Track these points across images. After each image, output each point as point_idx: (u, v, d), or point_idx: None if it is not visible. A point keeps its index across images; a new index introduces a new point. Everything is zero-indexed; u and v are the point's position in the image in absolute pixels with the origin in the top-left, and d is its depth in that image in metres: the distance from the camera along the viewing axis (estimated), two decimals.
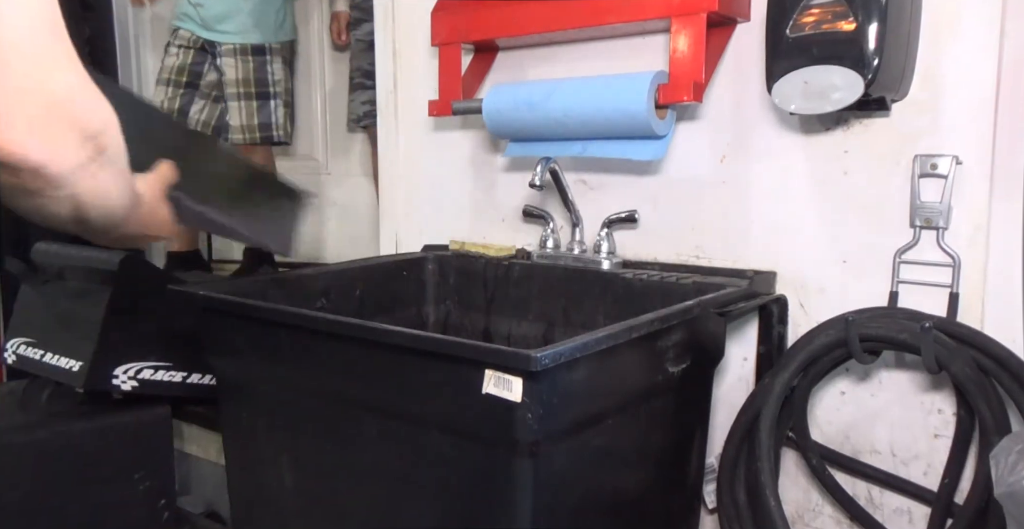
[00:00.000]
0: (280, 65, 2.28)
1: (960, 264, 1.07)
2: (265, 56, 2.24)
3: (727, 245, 1.27)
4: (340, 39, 2.68)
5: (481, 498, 0.91)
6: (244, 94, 2.21)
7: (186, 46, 2.26)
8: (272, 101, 2.26)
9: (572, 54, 1.42)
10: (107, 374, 1.45)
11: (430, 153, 1.65)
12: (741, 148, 1.25)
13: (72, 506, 1.42)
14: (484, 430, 0.86)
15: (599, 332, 0.86)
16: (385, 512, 1.01)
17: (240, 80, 2.23)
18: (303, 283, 1.32)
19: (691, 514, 1.23)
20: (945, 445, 1.10)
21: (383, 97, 1.71)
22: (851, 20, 1.01)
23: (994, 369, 1.00)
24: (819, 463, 1.17)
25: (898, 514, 1.16)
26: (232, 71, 2.23)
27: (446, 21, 1.45)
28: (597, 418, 0.93)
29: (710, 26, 1.17)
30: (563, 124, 1.28)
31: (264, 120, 2.24)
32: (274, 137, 2.27)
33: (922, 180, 1.08)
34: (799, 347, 1.11)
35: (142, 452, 1.51)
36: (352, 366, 1.00)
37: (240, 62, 2.21)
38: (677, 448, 1.14)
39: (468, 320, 1.48)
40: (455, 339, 0.88)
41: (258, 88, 2.23)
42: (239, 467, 1.23)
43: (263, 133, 2.24)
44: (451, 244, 1.55)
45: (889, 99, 1.09)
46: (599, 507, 0.99)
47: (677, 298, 1.12)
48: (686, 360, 1.05)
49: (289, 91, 2.34)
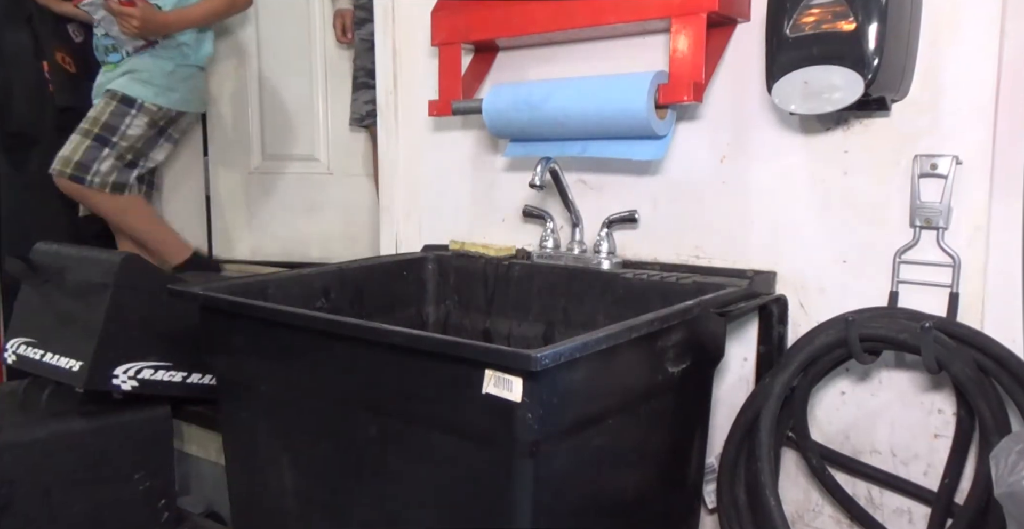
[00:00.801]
0: (142, 125, 2.22)
1: (960, 264, 1.07)
2: (131, 109, 2.20)
3: (727, 245, 1.27)
4: (344, 37, 2.68)
5: (481, 498, 0.91)
6: (85, 130, 2.17)
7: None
8: (106, 148, 2.18)
9: (572, 54, 1.42)
10: (107, 374, 1.45)
11: (430, 153, 1.65)
12: (741, 148, 1.24)
13: (72, 506, 1.42)
14: (484, 430, 0.86)
15: (599, 332, 0.86)
16: (385, 512, 1.01)
17: (91, 117, 2.19)
18: (303, 283, 1.32)
19: (691, 514, 1.23)
20: (945, 445, 1.10)
21: (383, 97, 1.71)
22: (851, 20, 1.01)
23: (994, 369, 1.00)
24: (819, 463, 1.17)
25: (898, 514, 1.16)
26: (93, 110, 2.21)
27: (446, 21, 1.45)
28: (597, 418, 0.93)
29: (710, 26, 1.17)
30: (563, 124, 1.28)
31: (85, 161, 2.15)
32: (85, 181, 2.16)
33: (922, 180, 1.08)
34: (799, 347, 1.11)
35: (142, 452, 1.51)
36: (352, 366, 1.00)
37: (104, 103, 2.20)
38: (677, 448, 1.14)
39: (468, 320, 1.48)
40: (455, 339, 0.88)
41: (101, 131, 2.18)
42: (239, 467, 1.23)
43: (76, 172, 2.15)
44: (451, 244, 1.55)
45: (889, 99, 1.09)
46: (599, 507, 0.99)
47: (677, 298, 1.12)
48: (686, 360, 1.05)
49: (136, 150, 2.24)
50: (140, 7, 2.12)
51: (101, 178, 2.19)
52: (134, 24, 2.11)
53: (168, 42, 2.26)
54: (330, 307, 1.34)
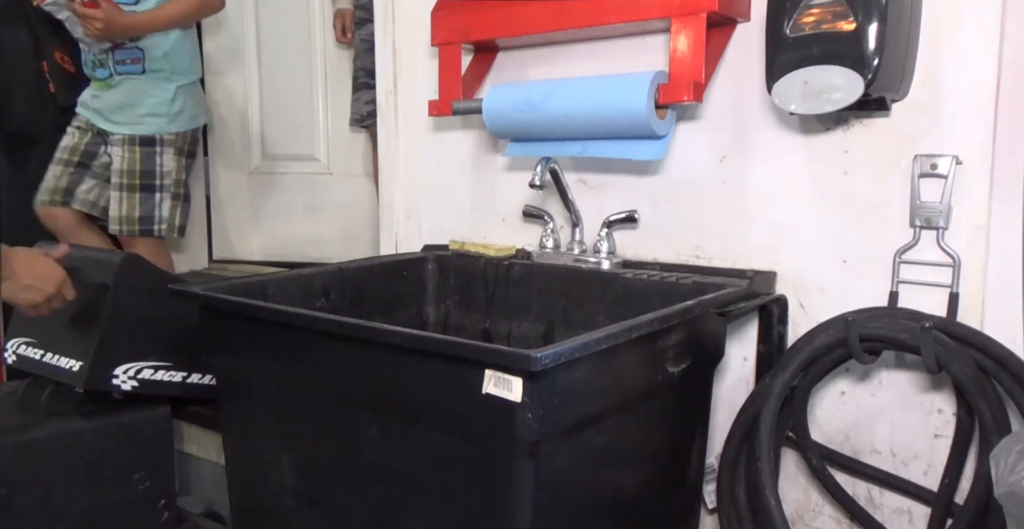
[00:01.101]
0: (172, 156, 2.20)
1: (960, 264, 1.07)
2: (155, 147, 2.17)
3: (727, 245, 1.27)
4: (344, 37, 2.68)
5: (481, 498, 0.91)
6: (127, 185, 2.13)
7: (84, 128, 2.23)
8: (158, 194, 2.17)
9: (572, 54, 1.42)
10: (107, 374, 1.45)
11: (430, 153, 1.65)
12: (741, 148, 1.24)
13: (72, 506, 1.42)
14: (484, 430, 0.86)
15: (599, 332, 0.86)
16: (385, 512, 1.01)
17: (125, 171, 2.15)
18: (303, 283, 1.32)
19: (691, 514, 1.23)
20: (945, 445, 1.10)
21: (383, 97, 1.71)
22: (851, 20, 1.01)
23: (994, 369, 1.00)
24: (819, 463, 1.17)
25: (898, 514, 1.16)
26: (119, 161, 2.16)
27: (446, 21, 1.45)
28: (597, 418, 0.93)
29: (710, 26, 1.17)
30: (563, 124, 1.28)
31: (146, 213, 2.15)
32: (155, 231, 2.16)
33: (922, 180, 1.08)
34: (799, 347, 1.11)
35: (142, 452, 1.51)
36: (352, 366, 1.00)
37: (127, 152, 2.15)
38: (677, 448, 1.14)
39: (468, 320, 1.48)
40: (455, 339, 0.88)
41: (143, 180, 2.16)
42: (239, 467, 1.23)
43: (143, 226, 2.15)
44: (451, 244, 1.55)
45: (889, 99, 1.09)
46: (599, 507, 0.99)
47: (677, 298, 1.12)
48: (686, 360, 1.05)
49: (181, 183, 2.24)
50: (104, 9, 2.02)
51: (168, 223, 2.19)
52: (97, 26, 2.02)
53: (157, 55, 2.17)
54: (330, 307, 1.34)
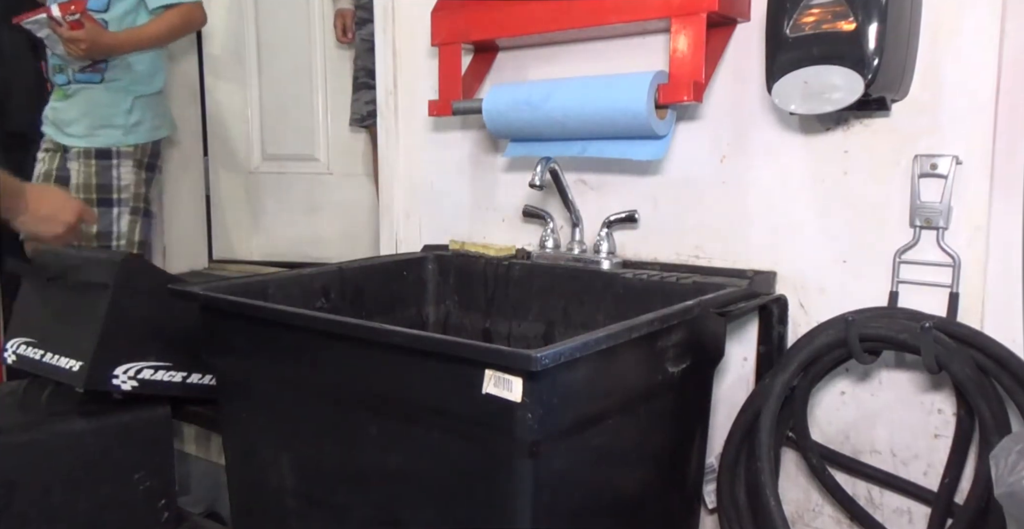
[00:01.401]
0: (130, 169, 2.11)
1: (960, 264, 1.07)
2: (111, 160, 2.09)
3: (727, 245, 1.27)
4: (344, 37, 2.68)
5: (481, 498, 0.90)
6: (84, 200, 2.00)
7: (51, 150, 2.18)
8: (115, 208, 2.08)
9: (572, 54, 1.42)
10: (107, 374, 1.45)
11: (430, 153, 1.65)
12: (741, 148, 1.24)
13: (72, 506, 1.42)
14: (484, 430, 0.86)
15: (599, 332, 0.86)
16: (385, 512, 1.01)
17: (81, 185, 2.08)
18: (303, 283, 1.32)
19: (691, 514, 1.23)
20: (945, 445, 1.10)
21: (383, 97, 1.71)
22: (851, 20, 1.01)
23: (994, 369, 1.00)
24: (819, 463, 1.17)
25: (898, 514, 1.16)
26: (75, 175, 2.10)
27: (446, 21, 1.45)
28: (597, 418, 0.93)
29: (710, 26, 1.17)
30: (563, 124, 1.28)
31: (103, 228, 2.05)
32: (112, 248, 2.06)
33: (922, 180, 1.08)
34: (799, 347, 1.11)
35: (142, 452, 1.51)
36: (352, 366, 1.00)
37: (83, 166, 2.08)
38: (677, 448, 1.14)
39: (468, 320, 1.48)
40: (455, 339, 0.88)
41: (100, 194, 2.07)
42: (239, 467, 1.23)
43: (100, 242, 2.05)
44: (451, 244, 1.55)
45: (889, 99, 1.09)
46: (599, 507, 0.99)
47: (677, 298, 1.12)
48: (686, 360, 1.05)
49: (140, 197, 2.14)
50: (87, 29, 1.98)
51: (127, 238, 2.12)
52: (82, 47, 1.98)
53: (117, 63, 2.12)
54: (330, 307, 1.34)
